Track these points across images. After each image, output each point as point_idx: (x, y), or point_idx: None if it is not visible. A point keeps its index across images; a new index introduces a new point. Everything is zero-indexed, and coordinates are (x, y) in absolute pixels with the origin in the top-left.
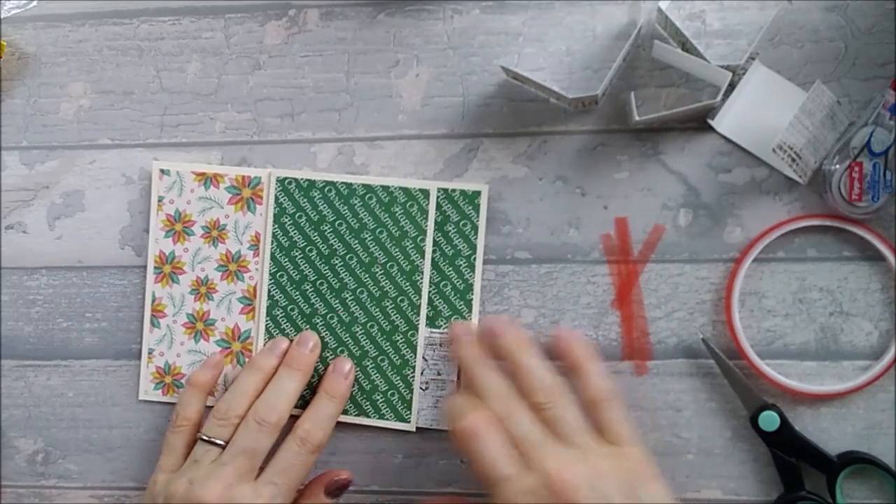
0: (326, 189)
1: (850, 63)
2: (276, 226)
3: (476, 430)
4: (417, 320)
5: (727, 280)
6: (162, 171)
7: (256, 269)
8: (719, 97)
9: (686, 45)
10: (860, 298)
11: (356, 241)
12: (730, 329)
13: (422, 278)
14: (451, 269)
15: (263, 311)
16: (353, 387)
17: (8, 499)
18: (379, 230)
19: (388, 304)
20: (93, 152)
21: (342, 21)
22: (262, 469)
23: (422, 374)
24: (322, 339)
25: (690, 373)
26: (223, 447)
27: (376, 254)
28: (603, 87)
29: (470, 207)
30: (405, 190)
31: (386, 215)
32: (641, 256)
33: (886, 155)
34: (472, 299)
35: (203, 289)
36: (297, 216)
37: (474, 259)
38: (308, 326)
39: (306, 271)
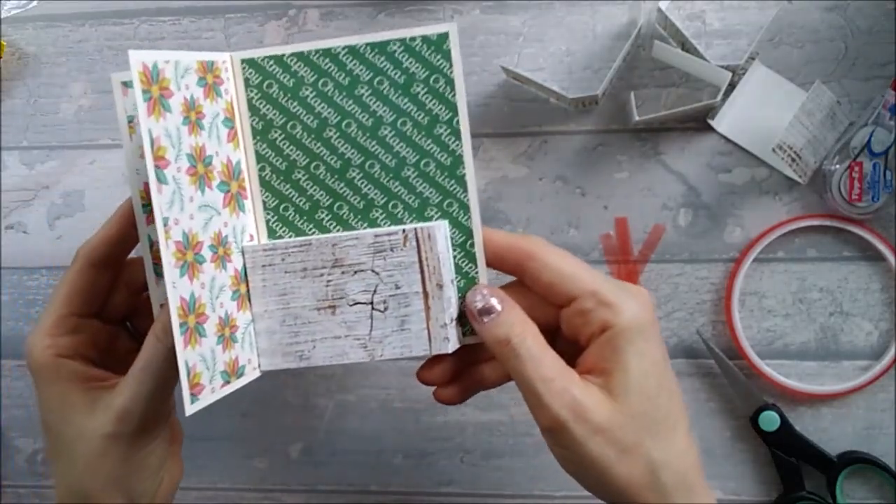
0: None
1: (850, 63)
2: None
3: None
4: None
5: (727, 280)
6: (124, 83)
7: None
8: (719, 97)
9: (686, 45)
10: (860, 298)
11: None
12: (730, 329)
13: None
14: (430, 141)
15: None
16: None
17: (8, 499)
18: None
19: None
20: (93, 152)
21: (342, 21)
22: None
23: (374, 291)
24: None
25: (690, 373)
26: None
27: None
28: (603, 87)
29: (439, 57)
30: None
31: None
32: (641, 256)
33: (886, 155)
34: (464, 175)
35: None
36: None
37: (457, 123)
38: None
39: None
